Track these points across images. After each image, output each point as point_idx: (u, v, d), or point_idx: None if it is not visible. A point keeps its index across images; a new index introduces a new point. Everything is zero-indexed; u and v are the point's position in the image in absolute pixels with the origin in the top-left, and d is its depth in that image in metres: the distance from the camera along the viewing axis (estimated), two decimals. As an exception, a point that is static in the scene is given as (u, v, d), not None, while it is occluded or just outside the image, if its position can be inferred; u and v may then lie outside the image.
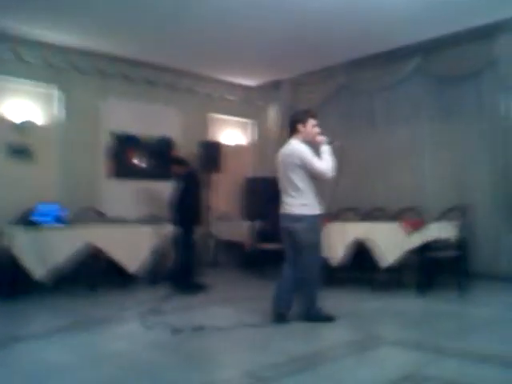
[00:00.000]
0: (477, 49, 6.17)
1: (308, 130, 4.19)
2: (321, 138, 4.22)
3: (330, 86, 7.65)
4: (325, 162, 4.10)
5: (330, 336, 3.86)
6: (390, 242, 5.31)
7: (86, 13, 5.49)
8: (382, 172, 7.03)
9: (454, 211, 5.69)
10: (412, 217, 5.74)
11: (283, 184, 4.22)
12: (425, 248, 5.27)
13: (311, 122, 4.20)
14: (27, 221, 5.33)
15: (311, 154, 4.10)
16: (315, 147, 4.21)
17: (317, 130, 4.23)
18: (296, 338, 3.70)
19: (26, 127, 6.16)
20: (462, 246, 5.32)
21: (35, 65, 6.26)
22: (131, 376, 2.91)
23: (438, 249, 5.37)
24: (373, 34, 6.16)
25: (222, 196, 7.89)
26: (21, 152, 6.11)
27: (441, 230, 5.29)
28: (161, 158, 7.30)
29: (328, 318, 4.12)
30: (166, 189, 6.45)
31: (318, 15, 5.53)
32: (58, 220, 5.57)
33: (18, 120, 6.12)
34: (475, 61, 6.19)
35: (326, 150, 4.18)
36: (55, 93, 6.48)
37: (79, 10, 5.39)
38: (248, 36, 6.17)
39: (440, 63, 6.50)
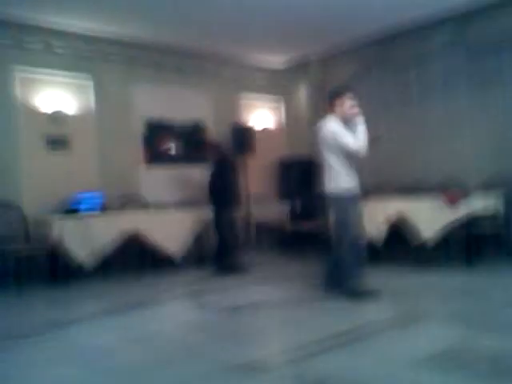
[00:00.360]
0: (509, 20, 5.93)
1: (345, 105, 4.16)
2: (356, 113, 4.16)
3: (361, 63, 7.50)
4: (358, 141, 4.05)
5: (372, 312, 3.84)
6: (432, 217, 5.21)
7: (113, 2, 5.52)
8: (420, 146, 6.88)
9: (494, 183, 5.53)
10: (453, 190, 5.59)
11: (322, 162, 4.25)
12: (468, 222, 5.15)
13: (348, 96, 4.17)
14: (68, 209, 5.46)
15: (344, 132, 4.06)
16: (352, 123, 4.16)
17: (353, 104, 4.18)
18: (338, 315, 3.70)
19: (60, 117, 6.27)
20: (505, 218, 5.17)
21: (66, 55, 6.35)
22: (179, 355, 2.95)
23: (482, 222, 5.23)
24: (404, 6, 5.98)
25: (256, 178, 7.89)
26: (57, 142, 6.24)
27: (482, 203, 5.16)
28: (193, 142, 7.35)
29: (368, 294, 4.08)
30: (200, 173, 6.51)
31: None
32: (98, 207, 5.70)
33: (52, 111, 6.22)
34: (507, 32, 5.95)
35: (361, 129, 4.13)
36: (87, 82, 6.56)
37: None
38: (274, 14, 6.07)
39: (474, 33, 6.27)
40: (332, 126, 4.10)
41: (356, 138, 4.06)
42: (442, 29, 6.55)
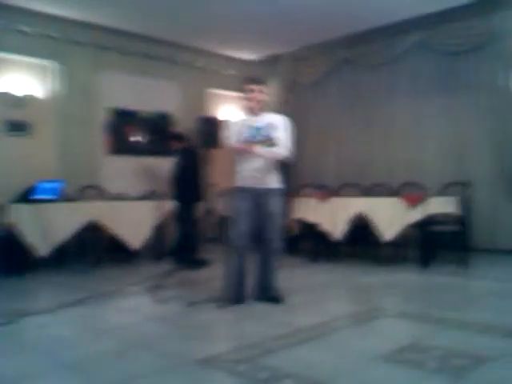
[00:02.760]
0: (478, 23, 6.13)
1: (245, 98, 3.92)
2: (251, 107, 3.88)
3: (332, 60, 7.57)
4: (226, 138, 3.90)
5: (334, 308, 3.90)
6: (391, 217, 5.34)
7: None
8: (385, 147, 7.02)
9: (454, 186, 5.70)
10: (412, 192, 5.74)
11: None
12: (425, 222, 5.30)
13: (247, 88, 3.90)
14: (28, 198, 5.31)
15: (229, 128, 3.89)
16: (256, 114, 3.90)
17: (249, 97, 3.88)
18: (298, 311, 3.74)
19: (23, 101, 6.09)
20: (462, 220, 5.35)
21: (33, 37, 6.15)
22: (133, 348, 2.93)
23: (439, 223, 5.41)
24: (374, 8, 6.08)
25: (222, 172, 7.85)
26: (18, 127, 6.05)
27: (441, 205, 5.31)
28: (159, 133, 7.25)
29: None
30: (165, 164, 6.43)
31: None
32: (59, 197, 5.56)
33: (15, 94, 6.03)
34: (476, 35, 6.16)
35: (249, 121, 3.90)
36: (53, 66, 6.39)
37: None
38: (246, 9, 6.07)
39: (441, 38, 6.45)
40: (228, 125, 3.93)
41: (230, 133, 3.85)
42: (412, 31, 6.69)
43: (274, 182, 3.92)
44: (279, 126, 3.89)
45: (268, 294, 3.93)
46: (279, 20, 6.45)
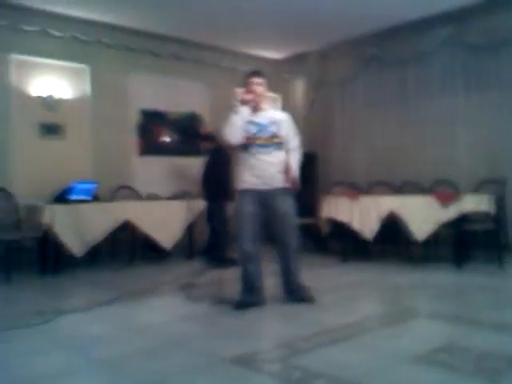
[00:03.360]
0: (509, 17, 5.94)
1: (246, 90, 3.74)
2: (248, 100, 3.68)
3: (358, 58, 7.50)
4: (225, 129, 3.66)
5: (365, 308, 3.88)
6: (424, 215, 5.25)
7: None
8: (415, 145, 6.91)
9: (488, 184, 5.58)
10: (445, 189, 5.63)
11: None
12: (460, 221, 5.20)
13: (248, 82, 3.76)
14: (63, 198, 5.44)
15: (231, 123, 3.62)
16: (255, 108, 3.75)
17: (248, 90, 3.72)
18: (329, 311, 3.73)
19: (55, 104, 6.24)
20: (496, 218, 5.23)
21: (63, 40, 6.29)
22: (166, 346, 2.97)
23: (473, 222, 5.30)
24: (401, 3, 5.98)
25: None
26: (51, 129, 6.20)
27: (474, 203, 5.20)
28: (189, 133, 7.32)
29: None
30: (195, 165, 6.49)
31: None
32: (93, 197, 5.68)
33: (46, 96, 6.18)
34: (508, 30, 5.97)
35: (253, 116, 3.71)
36: (83, 69, 6.52)
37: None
38: (273, 6, 6.06)
39: (474, 32, 6.29)
40: (230, 118, 3.66)
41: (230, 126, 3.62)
42: (441, 27, 6.55)
43: (282, 180, 3.71)
44: (283, 123, 3.77)
45: (298, 294, 3.85)
46: (305, 18, 6.42)
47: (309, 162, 7.85)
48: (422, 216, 5.28)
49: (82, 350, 3.00)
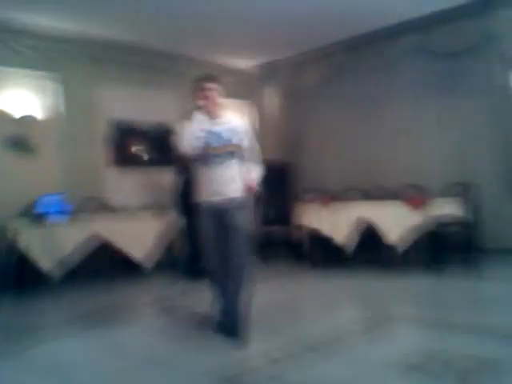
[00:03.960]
0: (476, 23, 6.13)
1: (196, 95, 3.49)
2: (202, 105, 3.44)
3: (330, 65, 7.58)
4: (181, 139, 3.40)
5: (340, 315, 3.89)
6: (395, 220, 5.33)
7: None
8: (384, 150, 7.01)
9: (457, 188, 5.69)
10: (414, 194, 5.72)
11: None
12: (431, 225, 5.28)
13: (198, 87, 3.49)
14: (32, 214, 5.31)
15: (185, 132, 3.37)
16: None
17: (201, 95, 3.46)
18: (305, 320, 3.73)
19: (24, 119, 6.09)
20: (467, 222, 5.33)
21: (30, 54, 6.15)
22: (144, 366, 2.93)
23: (445, 225, 5.38)
24: (371, 11, 6.06)
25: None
26: (20, 145, 6.04)
27: (444, 207, 5.30)
28: (162, 145, 7.24)
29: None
30: (167, 176, 6.43)
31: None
32: (63, 211, 5.55)
33: (16, 112, 6.04)
34: (474, 36, 6.15)
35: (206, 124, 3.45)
36: (52, 83, 6.38)
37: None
38: (243, 16, 6.06)
39: (437, 39, 6.45)
40: (181, 126, 3.42)
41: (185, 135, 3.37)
42: (408, 35, 6.69)
43: (236, 191, 3.44)
44: (240, 130, 3.51)
45: (226, 321, 3.42)
46: (275, 27, 6.45)
47: (281, 169, 7.94)
48: (394, 220, 5.36)
49: (58, 373, 2.92)
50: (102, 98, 6.78)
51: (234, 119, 3.57)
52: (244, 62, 8.20)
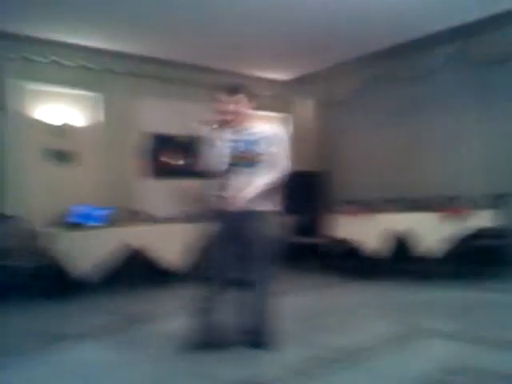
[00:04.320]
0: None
1: (219, 111, 3.44)
2: (226, 122, 3.41)
3: (365, 76, 7.54)
4: (209, 149, 3.40)
5: (371, 328, 3.84)
6: (432, 232, 5.24)
7: (118, 18, 5.65)
8: (421, 161, 6.90)
9: (495, 199, 5.54)
10: (453, 205, 5.61)
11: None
12: (467, 237, 5.16)
13: (219, 100, 3.44)
14: (69, 222, 5.49)
15: (207, 145, 3.42)
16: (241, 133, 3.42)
17: (221, 110, 3.40)
18: (337, 332, 3.70)
19: (64, 130, 6.36)
20: (504, 233, 5.18)
21: (72, 68, 6.43)
22: (172, 374, 2.96)
23: (483, 237, 5.25)
24: (408, 20, 6.01)
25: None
26: (62, 155, 6.33)
27: (481, 218, 5.17)
28: (196, 155, 7.36)
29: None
30: (202, 187, 6.52)
31: (348, 5, 5.45)
32: (98, 220, 5.72)
33: (56, 124, 6.31)
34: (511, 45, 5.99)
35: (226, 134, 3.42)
36: (93, 95, 6.66)
37: (111, 15, 5.56)
38: (278, 29, 6.14)
39: (479, 48, 6.31)
40: (202, 136, 3.46)
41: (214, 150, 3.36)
42: (445, 43, 6.58)
43: (258, 203, 3.30)
44: (268, 139, 3.34)
45: (251, 338, 3.34)
46: (311, 39, 6.49)
47: (315, 180, 7.95)
48: (431, 232, 5.26)
49: (86, 377, 2.99)
50: (139, 111, 7.00)
51: (260, 127, 3.41)
52: (279, 75, 8.29)
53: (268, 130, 3.42)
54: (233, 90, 3.40)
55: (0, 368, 3.16)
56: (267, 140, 3.34)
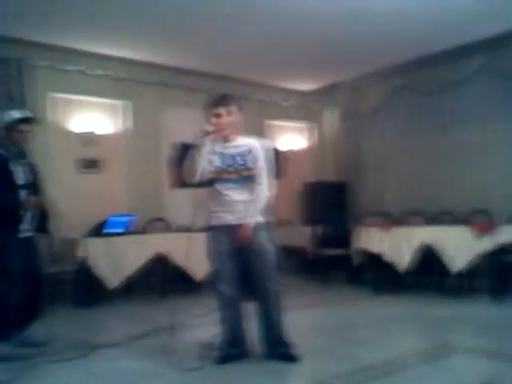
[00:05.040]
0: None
1: (212, 123, 3.38)
2: (214, 132, 3.38)
3: (390, 87, 7.51)
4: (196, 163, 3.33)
5: (400, 344, 3.79)
6: (460, 246, 5.16)
7: (146, 29, 5.73)
8: (449, 173, 6.80)
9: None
10: (482, 219, 5.51)
11: None
12: (497, 252, 5.07)
13: (212, 112, 3.38)
14: (100, 232, 5.57)
15: (195, 155, 3.34)
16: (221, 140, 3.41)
17: (213, 122, 3.37)
18: (366, 347, 3.66)
19: (94, 140, 6.45)
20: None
21: (100, 78, 6.52)
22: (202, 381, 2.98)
23: (509, 252, 5.15)
24: (435, 32, 5.97)
25: (282, 202, 7.91)
26: (90, 164, 6.41)
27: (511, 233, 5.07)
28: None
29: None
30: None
31: (374, 16, 5.44)
32: (129, 230, 5.79)
33: (85, 132, 6.41)
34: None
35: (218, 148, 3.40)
36: (120, 105, 6.76)
37: (139, 26, 5.64)
38: (302, 40, 6.14)
39: (507, 59, 6.21)
40: (195, 149, 3.37)
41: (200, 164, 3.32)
42: (475, 54, 6.50)
43: (256, 215, 3.31)
44: (257, 153, 3.36)
45: (278, 350, 3.34)
46: (336, 50, 6.50)
47: (340, 191, 7.91)
48: (459, 247, 5.18)
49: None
50: (167, 121, 7.08)
51: (251, 141, 3.43)
52: (305, 85, 8.30)
53: (254, 143, 3.43)
54: (222, 101, 3.38)
55: (38, 376, 3.21)
56: (257, 153, 3.36)
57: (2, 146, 3.86)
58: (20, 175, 3.91)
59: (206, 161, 3.31)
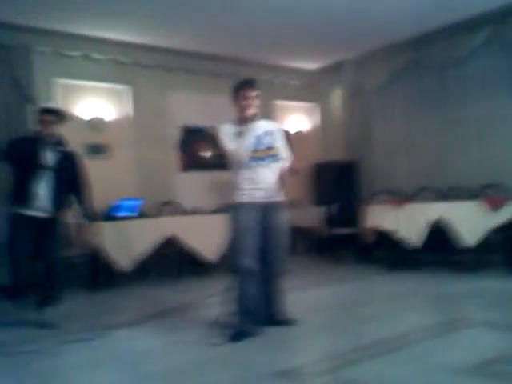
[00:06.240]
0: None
1: (239, 105, 3.56)
2: (250, 115, 3.50)
3: (396, 64, 7.39)
4: (234, 144, 3.48)
5: (414, 318, 3.78)
6: (471, 222, 5.11)
7: (148, 12, 5.67)
8: (459, 149, 6.72)
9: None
10: (494, 194, 5.45)
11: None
12: (510, 226, 5.02)
13: (243, 94, 3.53)
14: (110, 216, 5.58)
15: (227, 135, 3.53)
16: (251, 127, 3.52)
17: (247, 104, 3.51)
18: (378, 322, 3.66)
19: (99, 125, 6.45)
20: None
21: (104, 63, 6.50)
22: (215, 361, 2.97)
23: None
24: (441, 5, 5.84)
25: (291, 182, 7.87)
26: (97, 149, 6.42)
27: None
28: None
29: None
30: (229, 179, 6.53)
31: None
32: (138, 213, 5.80)
33: (90, 118, 6.41)
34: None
35: (247, 129, 3.50)
36: (124, 89, 6.72)
37: (142, 9, 5.58)
38: (306, 18, 6.05)
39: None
40: (219, 131, 3.60)
41: (240, 144, 3.46)
42: (479, 28, 6.37)
43: (279, 194, 3.61)
44: (276, 134, 3.66)
45: (278, 318, 3.62)
46: (339, 27, 6.39)
47: (349, 170, 7.85)
48: (471, 222, 5.14)
49: (133, 364, 3.05)
50: (172, 103, 7.05)
51: (269, 123, 3.69)
52: (309, 64, 8.20)
53: (272, 125, 3.73)
54: (252, 84, 3.57)
55: (48, 355, 3.24)
56: (276, 134, 3.66)
57: (34, 132, 4.41)
58: (48, 159, 4.36)
59: (241, 142, 3.47)
